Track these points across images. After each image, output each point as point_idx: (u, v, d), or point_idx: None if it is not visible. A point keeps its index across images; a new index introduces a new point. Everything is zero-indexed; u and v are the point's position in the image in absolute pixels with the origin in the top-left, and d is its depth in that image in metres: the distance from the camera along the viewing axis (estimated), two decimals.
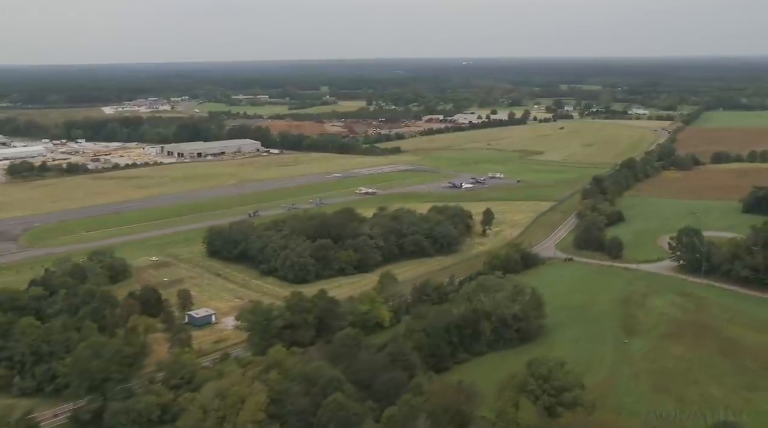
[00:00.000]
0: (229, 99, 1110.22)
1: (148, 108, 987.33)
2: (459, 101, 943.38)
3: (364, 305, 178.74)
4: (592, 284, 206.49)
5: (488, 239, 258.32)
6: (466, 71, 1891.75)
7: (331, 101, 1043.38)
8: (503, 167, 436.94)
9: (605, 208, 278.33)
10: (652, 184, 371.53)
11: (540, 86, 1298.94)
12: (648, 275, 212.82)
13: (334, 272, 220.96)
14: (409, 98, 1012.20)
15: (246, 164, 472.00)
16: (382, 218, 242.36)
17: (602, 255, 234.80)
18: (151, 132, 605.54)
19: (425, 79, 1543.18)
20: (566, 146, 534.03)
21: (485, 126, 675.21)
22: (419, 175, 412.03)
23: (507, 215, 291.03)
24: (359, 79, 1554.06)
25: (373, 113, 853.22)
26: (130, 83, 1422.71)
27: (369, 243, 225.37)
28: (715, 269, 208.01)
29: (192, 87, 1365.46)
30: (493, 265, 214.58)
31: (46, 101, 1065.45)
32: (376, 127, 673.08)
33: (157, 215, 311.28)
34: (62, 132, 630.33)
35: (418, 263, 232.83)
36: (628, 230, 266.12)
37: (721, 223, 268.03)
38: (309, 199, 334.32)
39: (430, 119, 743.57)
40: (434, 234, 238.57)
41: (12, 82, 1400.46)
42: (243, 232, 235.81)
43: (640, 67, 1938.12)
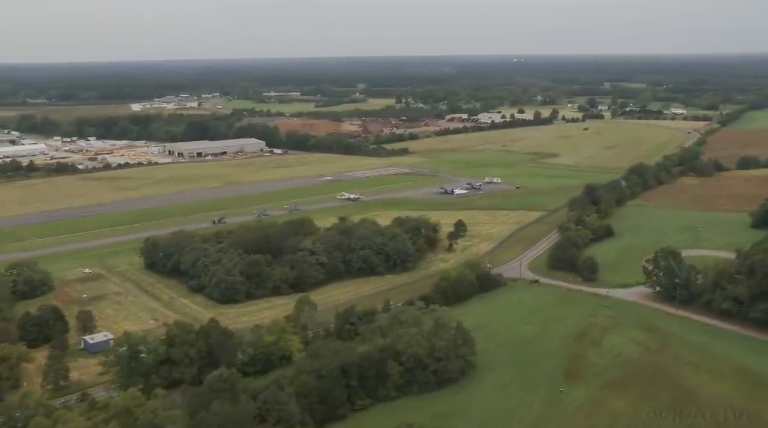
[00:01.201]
0: (260, 96, 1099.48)
1: (176, 105, 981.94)
2: (489, 100, 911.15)
3: (270, 335, 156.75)
4: (550, 313, 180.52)
5: (454, 255, 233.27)
6: (514, 69, 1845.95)
7: (360, 99, 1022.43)
8: (511, 171, 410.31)
9: (592, 221, 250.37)
10: (664, 192, 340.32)
11: (583, 84, 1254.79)
12: (618, 303, 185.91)
13: (267, 291, 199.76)
14: (440, 96, 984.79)
15: (243, 164, 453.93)
16: (330, 232, 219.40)
17: (575, 277, 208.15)
18: (161, 130, 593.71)
19: (468, 77, 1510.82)
20: (585, 148, 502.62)
21: (507, 126, 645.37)
22: (416, 179, 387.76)
23: (485, 227, 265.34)
24: (399, 77, 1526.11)
25: (399, 111, 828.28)
26: (168, 80, 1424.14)
27: (308, 260, 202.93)
28: (695, 299, 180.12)
29: (228, 84, 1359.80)
30: (441, 288, 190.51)
31: (79, 98, 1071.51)
32: (393, 126, 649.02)
33: (120, 220, 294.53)
34: (75, 130, 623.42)
35: (365, 283, 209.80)
36: (613, 247, 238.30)
37: (722, 240, 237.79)
38: (284, 205, 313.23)
39: (452, 118, 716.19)
40: (386, 250, 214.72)
41: (52, 79, 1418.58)
42: (178, 244, 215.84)
43: (690, 64, 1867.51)
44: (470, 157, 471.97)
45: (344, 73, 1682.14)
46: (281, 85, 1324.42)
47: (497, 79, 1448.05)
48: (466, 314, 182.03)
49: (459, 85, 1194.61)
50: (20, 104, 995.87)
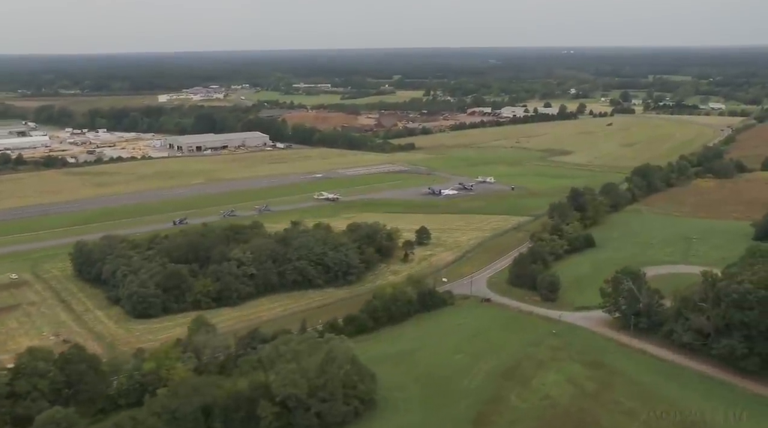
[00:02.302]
0: (289, 88, 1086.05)
1: (203, 96, 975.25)
2: (520, 93, 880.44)
3: (150, 362, 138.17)
4: (489, 340, 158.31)
5: (409, 266, 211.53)
6: (560, 61, 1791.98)
7: (388, 91, 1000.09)
8: (516, 170, 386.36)
9: (572, 230, 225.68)
10: (672, 195, 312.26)
11: (627, 77, 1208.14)
12: (569, 329, 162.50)
13: (187, 305, 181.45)
14: (470, 89, 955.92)
15: (238, 159, 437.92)
16: (266, 240, 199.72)
17: (534, 296, 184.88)
18: (170, 122, 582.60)
19: (510, 69, 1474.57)
20: (603, 145, 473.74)
21: (529, 121, 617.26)
22: (409, 177, 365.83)
23: (454, 235, 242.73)
24: (438, 68, 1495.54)
25: (424, 103, 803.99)
26: (201, 71, 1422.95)
27: (233, 271, 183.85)
28: (656, 328, 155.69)
29: (261, 75, 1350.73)
30: (370, 308, 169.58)
31: (110, 89, 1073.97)
32: (408, 120, 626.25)
33: (80, 219, 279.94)
34: (88, 121, 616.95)
35: (300, 297, 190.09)
36: (589, 260, 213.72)
37: (715, 254, 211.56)
38: (255, 204, 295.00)
39: (473, 111, 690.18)
40: (326, 261, 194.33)
41: (91, 70, 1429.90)
42: (102, 250, 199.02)
43: (742, 56, 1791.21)
44: (478, 153, 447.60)
45: (383, 65, 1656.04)
46: (317, 76, 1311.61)
47: (539, 71, 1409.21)
48: (394, 339, 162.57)
49: (493, 78, 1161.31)
50: (52, 95, 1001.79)
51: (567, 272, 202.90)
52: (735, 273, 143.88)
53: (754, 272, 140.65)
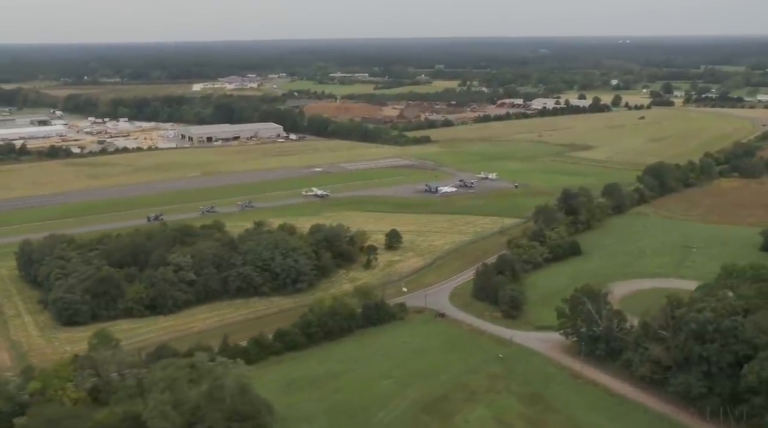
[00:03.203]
0: (325, 77, 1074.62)
1: (238, 85, 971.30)
2: (557, 84, 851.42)
3: (36, 381, 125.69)
4: (426, 363, 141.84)
5: (370, 273, 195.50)
6: (612, 51, 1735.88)
7: (424, 81, 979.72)
8: (528, 166, 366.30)
9: (556, 235, 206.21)
10: (686, 197, 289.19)
11: (678, 67, 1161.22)
12: (519, 353, 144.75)
13: (119, 312, 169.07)
14: (507, 79, 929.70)
15: (244, 151, 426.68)
16: (211, 243, 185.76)
17: (496, 311, 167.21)
18: (190, 112, 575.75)
19: (558, 59, 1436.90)
20: (628, 140, 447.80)
21: (558, 113, 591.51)
22: (413, 173, 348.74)
23: (431, 238, 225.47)
24: (484, 58, 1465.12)
25: (457, 94, 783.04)
26: (245, 59, 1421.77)
27: (169, 277, 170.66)
28: (615, 356, 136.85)
29: (303, 64, 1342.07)
30: (304, 322, 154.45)
31: (149, 77, 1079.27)
32: (433, 111, 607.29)
33: (56, 214, 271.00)
34: (111, 110, 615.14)
35: (242, 306, 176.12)
36: (569, 271, 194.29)
37: (714, 266, 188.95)
38: (237, 201, 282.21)
39: (502, 103, 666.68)
40: (272, 267, 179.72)
41: (136, 58, 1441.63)
42: (42, 251, 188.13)
43: None
44: (494, 148, 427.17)
45: (430, 54, 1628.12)
46: (359, 65, 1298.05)
47: (586, 61, 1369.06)
48: (325, 358, 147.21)
49: (535, 68, 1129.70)
50: (91, 83, 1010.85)
51: (541, 284, 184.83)
52: (696, 299, 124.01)
53: (719, 297, 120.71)
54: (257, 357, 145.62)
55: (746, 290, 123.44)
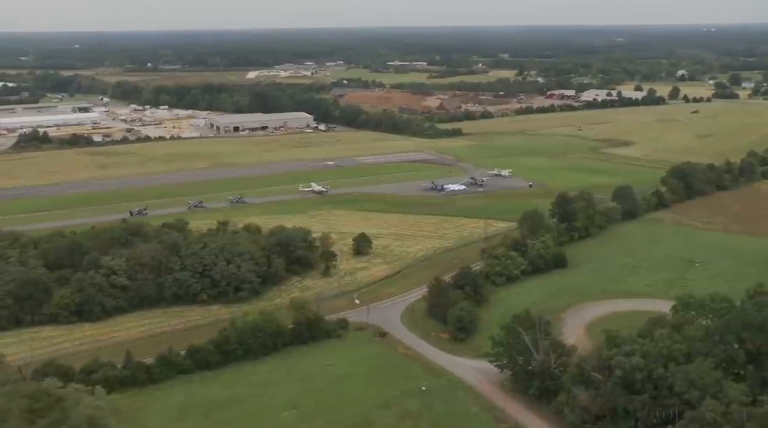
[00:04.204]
0: (381, 65, 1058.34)
1: (292, 73, 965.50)
2: (617, 74, 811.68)
3: None
4: (340, 393, 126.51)
5: (326, 281, 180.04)
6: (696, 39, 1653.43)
7: (480, 70, 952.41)
8: (556, 162, 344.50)
9: (540, 245, 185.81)
10: (714, 201, 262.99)
11: (757, 57, 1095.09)
12: (446, 386, 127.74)
13: (45, 318, 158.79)
14: (566, 69, 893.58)
15: (263, 142, 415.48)
16: (151, 246, 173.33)
17: (445, 332, 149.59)
18: (228, 100, 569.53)
19: (631, 48, 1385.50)
20: (673, 136, 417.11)
21: (607, 106, 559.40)
22: (427, 168, 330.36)
23: (408, 243, 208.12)
24: (551, 46, 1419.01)
25: (511, 84, 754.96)
26: (305, 47, 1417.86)
27: (97, 281, 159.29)
28: (551, 396, 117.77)
29: (367, 52, 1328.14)
30: (222, 339, 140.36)
31: (207, 64, 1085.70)
32: (476, 102, 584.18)
33: (44, 206, 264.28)
34: (153, 97, 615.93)
35: (177, 314, 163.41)
36: (544, 287, 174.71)
37: (711, 286, 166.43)
38: (229, 196, 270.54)
39: (551, 94, 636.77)
40: (212, 273, 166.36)
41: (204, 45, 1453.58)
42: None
43: None
44: (526, 142, 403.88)
45: (498, 43, 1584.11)
46: (424, 53, 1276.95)
47: (660, 50, 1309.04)
48: (235, 381, 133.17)
49: (601, 57, 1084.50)
50: (152, 70, 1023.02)
51: (509, 301, 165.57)
52: (627, 339, 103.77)
53: (656, 338, 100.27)
54: (162, 376, 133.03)
55: (693, 330, 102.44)
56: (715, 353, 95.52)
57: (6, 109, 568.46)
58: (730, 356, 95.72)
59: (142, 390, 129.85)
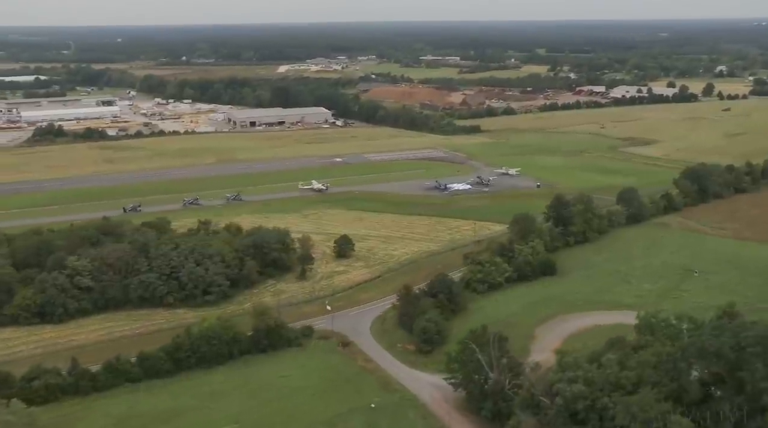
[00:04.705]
0: (414, 59, 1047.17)
1: (324, 67, 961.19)
2: (652, 70, 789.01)
3: None
4: (285, 409, 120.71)
5: (300, 285, 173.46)
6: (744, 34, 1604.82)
7: (512, 65, 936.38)
8: (569, 161, 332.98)
9: (529, 250, 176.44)
10: (729, 205, 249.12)
11: None
12: (398, 403, 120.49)
13: (6, 319, 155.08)
14: (601, 64, 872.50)
15: (277, 138, 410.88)
16: (120, 246, 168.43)
17: (411, 343, 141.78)
18: (250, 95, 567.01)
19: (674, 43, 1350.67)
20: (699, 134, 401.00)
21: (634, 102, 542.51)
22: (436, 166, 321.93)
23: (395, 245, 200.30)
24: (590, 41, 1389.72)
25: (542, 80, 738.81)
26: (340, 41, 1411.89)
27: (60, 282, 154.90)
28: (504, 418, 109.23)
29: (402, 46, 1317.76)
30: (175, 345, 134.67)
31: (240, 58, 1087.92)
32: (501, 98, 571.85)
33: (43, 200, 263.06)
34: (177, 91, 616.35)
35: (142, 317, 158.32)
36: (528, 296, 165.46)
37: (704, 300, 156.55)
38: (226, 193, 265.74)
39: (580, 90, 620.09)
40: (180, 275, 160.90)
41: (246, 39, 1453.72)
42: None
43: None
44: (543, 140, 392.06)
45: (536, 38, 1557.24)
46: (456, 48, 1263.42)
47: (704, 45, 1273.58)
48: (183, 391, 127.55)
49: (637, 53, 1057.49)
50: (184, 64, 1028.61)
51: (488, 311, 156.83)
52: (570, 364, 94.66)
53: (604, 364, 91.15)
54: (108, 384, 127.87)
55: (647, 355, 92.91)
56: (665, 382, 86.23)
57: (32, 102, 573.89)
58: (682, 386, 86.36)
59: (86, 398, 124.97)
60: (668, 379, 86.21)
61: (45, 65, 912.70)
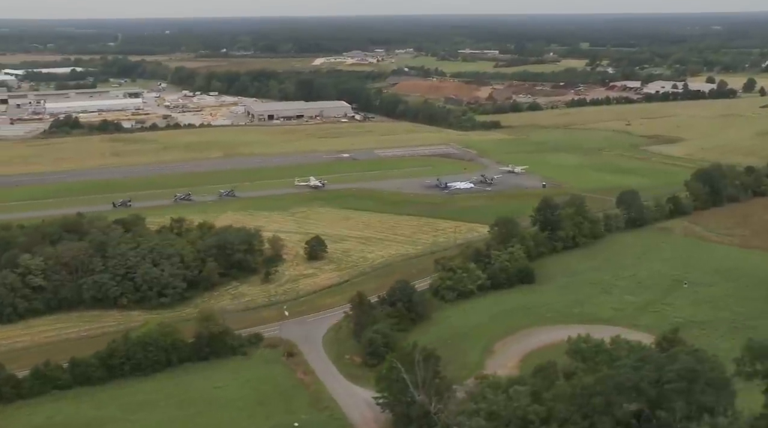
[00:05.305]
0: (453, 53, 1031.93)
1: (359, 60, 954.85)
2: (694, 64, 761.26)
3: None
4: (209, 425, 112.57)
5: (263, 288, 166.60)
6: None
7: (551, 59, 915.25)
8: (584, 160, 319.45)
9: (507, 256, 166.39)
10: (743, 210, 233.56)
11: None
12: (327, 422, 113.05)
13: None
14: (641, 59, 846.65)
15: (291, 132, 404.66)
16: (75, 244, 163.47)
17: (358, 355, 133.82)
18: (276, 88, 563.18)
19: (726, 36, 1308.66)
20: (730, 132, 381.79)
21: (668, 98, 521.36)
22: (443, 163, 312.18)
23: (372, 248, 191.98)
24: (635, 36, 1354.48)
25: (579, 74, 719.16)
26: (381, 34, 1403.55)
27: (8, 281, 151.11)
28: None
29: (438, 39, 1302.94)
30: (109, 351, 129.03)
31: (277, 51, 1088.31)
32: (528, 93, 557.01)
33: (38, 194, 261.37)
34: (205, 83, 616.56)
35: (94, 319, 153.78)
36: (497, 306, 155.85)
37: (695, 312, 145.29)
38: (220, 188, 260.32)
39: (613, 85, 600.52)
40: (135, 276, 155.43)
41: (283, 31, 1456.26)
42: None
43: None
44: (564, 136, 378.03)
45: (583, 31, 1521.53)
46: (496, 41, 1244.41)
47: (759, 39, 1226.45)
48: (109, 400, 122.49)
49: (683, 47, 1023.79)
50: (223, 56, 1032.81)
51: (452, 321, 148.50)
52: (477, 395, 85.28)
53: (512, 396, 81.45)
54: (33, 391, 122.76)
55: (564, 387, 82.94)
56: (575, 419, 76.50)
57: (61, 94, 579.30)
58: (594, 424, 76.52)
59: (8, 406, 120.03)
60: (580, 416, 76.51)
61: (84, 57, 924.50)
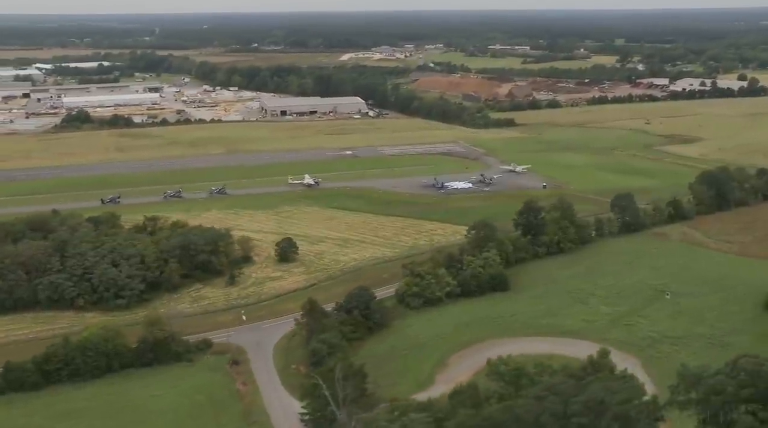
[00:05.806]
0: (482, 49, 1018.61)
1: (387, 55, 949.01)
2: (725, 61, 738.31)
3: None
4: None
5: (226, 291, 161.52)
6: None
7: (581, 56, 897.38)
8: (595, 159, 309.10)
9: (481, 262, 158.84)
10: (749, 215, 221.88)
11: None
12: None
13: None
14: (675, 55, 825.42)
15: (300, 128, 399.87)
16: (32, 243, 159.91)
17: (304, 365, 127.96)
18: (295, 83, 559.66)
19: (755, 31, 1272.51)
20: (752, 133, 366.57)
21: (693, 97, 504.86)
22: (447, 161, 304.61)
23: (346, 250, 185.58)
24: (672, 31, 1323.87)
25: (606, 71, 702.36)
26: (412, 30, 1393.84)
27: None
28: None
29: (478, 34, 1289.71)
30: (45, 356, 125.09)
31: (306, 46, 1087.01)
32: (550, 90, 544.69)
33: (35, 189, 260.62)
34: (226, 78, 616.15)
35: (48, 320, 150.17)
36: (464, 315, 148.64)
37: (673, 326, 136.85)
38: (212, 186, 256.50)
39: (639, 83, 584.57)
40: (91, 277, 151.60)
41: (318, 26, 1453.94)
42: None
43: None
44: (579, 135, 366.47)
45: (621, 27, 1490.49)
46: (529, 37, 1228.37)
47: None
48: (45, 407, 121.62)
49: (721, 43, 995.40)
50: (253, 51, 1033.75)
51: (414, 330, 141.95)
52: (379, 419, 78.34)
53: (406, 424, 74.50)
54: None
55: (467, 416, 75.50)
56: None
57: (82, 88, 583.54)
58: None
59: None
60: None
61: (114, 52, 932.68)
